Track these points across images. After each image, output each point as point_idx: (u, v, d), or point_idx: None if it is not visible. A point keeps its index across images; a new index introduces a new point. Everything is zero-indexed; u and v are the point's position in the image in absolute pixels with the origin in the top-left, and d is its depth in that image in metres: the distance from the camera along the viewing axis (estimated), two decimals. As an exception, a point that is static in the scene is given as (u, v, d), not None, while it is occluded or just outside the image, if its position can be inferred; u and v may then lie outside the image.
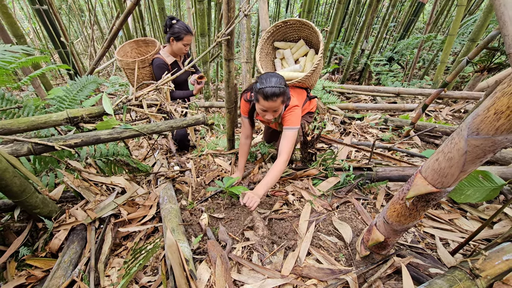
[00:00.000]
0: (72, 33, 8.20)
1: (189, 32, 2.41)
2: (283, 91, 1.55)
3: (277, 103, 1.56)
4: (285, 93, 1.57)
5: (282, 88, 1.54)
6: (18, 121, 1.42)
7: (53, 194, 1.59)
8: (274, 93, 1.51)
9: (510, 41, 1.41)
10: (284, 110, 1.71)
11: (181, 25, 2.38)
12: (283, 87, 1.55)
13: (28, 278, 1.29)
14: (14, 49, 1.75)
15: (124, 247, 1.50)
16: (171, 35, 2.41)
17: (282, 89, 1.54)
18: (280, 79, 1.56)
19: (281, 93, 1.54)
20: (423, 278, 1.16)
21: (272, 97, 1.53)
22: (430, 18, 4.78)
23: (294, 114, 1.69)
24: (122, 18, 2.59)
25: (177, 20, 2.40)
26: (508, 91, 0.60)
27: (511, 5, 1.39)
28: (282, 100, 1.57)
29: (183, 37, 2.40)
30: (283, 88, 1.54)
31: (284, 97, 1.57)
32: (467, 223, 1.53)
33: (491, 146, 0.68)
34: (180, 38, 2.40)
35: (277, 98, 1.54)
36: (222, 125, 3.72)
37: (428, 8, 8.13)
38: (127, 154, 2.02)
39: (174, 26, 2.37)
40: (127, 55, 2.82)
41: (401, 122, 3.03)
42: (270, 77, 1.56)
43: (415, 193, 0.89)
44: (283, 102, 1.59)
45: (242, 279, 1.21)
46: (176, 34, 2.38)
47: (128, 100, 1.80)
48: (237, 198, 1.75)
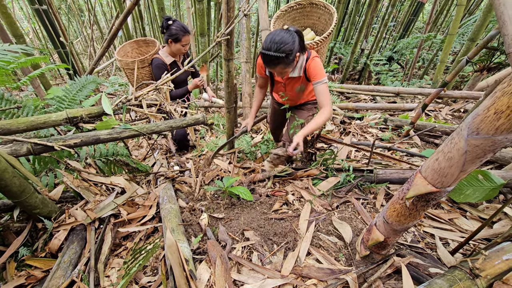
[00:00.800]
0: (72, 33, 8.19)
1: (186, 32, 2.38)
2: (281, 59, 1.43)
3: (277, 70, 1.51)
4: (286, 59, 1.45)
5: (281, 56, 1.42)
6: (18, 121, 1.42)
7: (53, 194, 1.59)
8: (271, 62, 1.46)
9: (509, 40, 1.41)
10: (305, 62, 1.65)
11: (178, 26, 2.34)
12: (282, 55, 1.42)
13: (28, 278, 1.29)
14: (14, 48, 1.75)
15: (124, 247, 1.50)
16: (168, 36, 2.38)
17: (281, 57, 1.43)
18: (283, 41, 1.42)
19: (279, 61, 1.45)
20: (423, 278, 1.16)
21: (270, 64, 1.49)
22: (429, 17, 4.79)
23: (317, 66, 1.63)
24: (122, 18, 2.58)
25: (174, 21, 2.36)
26: (508, 91, 0.60)
27: (511, 4, 1.39)
28: (283, 66, 1.49)
29: (181, 38, 2.37)
30: (282, 56, 1.42)
31: (285, 63, 1.47)
32: (467, 222, 1.53)
33: (491, 146, 0.68)
34: (178, 39, 2.37)
35: (274, 66, 1.48)
36: (222, 125, 3.72)
37: (427, 7, 8.13)
38: (126, 154, 2.02)
39: (171, 28, 2.34)
40: (127, 55, 2.82)
41: (400, 122, 3.03)
42: (273, 37, 1.44)
43: (415, 193, 0.89)
44: (286, 67, 1.50)
45: (242, 279, 1.21)
46: (174, 36, 2.35)
47: (128, 100, 1.80)
48: (236, 198, 1.75)
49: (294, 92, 1.93)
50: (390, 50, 6.09)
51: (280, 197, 1.79)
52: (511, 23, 1.39)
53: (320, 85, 1.66)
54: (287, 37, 1.44)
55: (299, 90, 1.90)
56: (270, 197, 1.80)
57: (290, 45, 1.44)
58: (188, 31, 2.39)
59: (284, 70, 1.55)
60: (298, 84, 1.86)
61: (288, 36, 1.45)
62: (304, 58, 1.71)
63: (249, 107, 3.50)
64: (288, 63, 1.50)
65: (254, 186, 1.91)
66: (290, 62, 1.50)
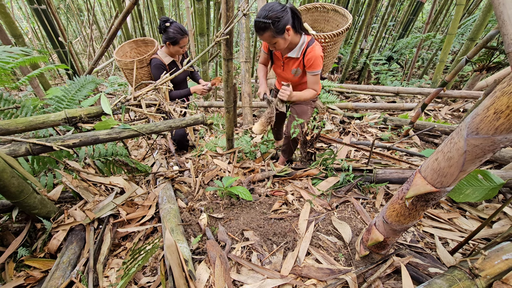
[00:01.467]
0: (71, 32, 8.18)
1: (184, 34, 2.36)
2: (268, 25, 1.46)
3: (265, 36, 1.53)
4: (273, 27, 1.47)
5: (267, 22, 1.45)
6: (16, 121, 1.42)
7: (52, 195, 1.58)
8: (259, 27, 1.49)
9: (509, 40, 1.40)
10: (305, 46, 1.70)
11: (175, 28, 2.32)
12: (268, 21, 1.45)
13: (27, 279, 1.28)
14: (14, 50, 1.74)
15: (123, 247, 1.50)
16: (166, 39, 2.37)
17: (267, 23, 1.45)
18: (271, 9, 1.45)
19: (266, 27, 1.46)
20: (423, 277, 1.15)
21: (259, 31, 1.52)
22: (429, 17, 4.78)
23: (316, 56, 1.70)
24: (121, 17, 2.58)
25: (171, 22, 2.34)
26: (507, 91, 0.60)
27: (510, 4, 1.39)
28: (271, 35, 1.51)
29: (178, 41, 2.36)
30: (268, 22, 1.45)
31: (273, 31, 1.50)
32: (466, 222, 1.53)
33: (490, 146, 0.67)
34: (176, 42, 2.36)
35: (263, 32, 1.50)
36: (221, 124, 3.71)
37: (427, 7, 8.13)
38: (126, 154, 2.02)
39: (169, 30, 2.32)
40: (126, 55, 2.82)
41: (400, 122, 3.03)
42: (265, 6, 1.48)
43: (415, 192, 0.89)
44: (274, 36, 1.53)
45: (241, 279, 1.21)
46: (171, 38, 2.34)
47: (127, 100, 1.79)
48: (236, 198, 1.75)
49: (291, 74, 1.94)
50: (389, 49, 6.09)
51: (280, 197, 1.79)
52: (510, 22, 1.39)
53: (313, 76, 1.78)
54: (276, 6, 1.49)
55: (295, 73, 1.92)
56: (270, 197, 1.80)
57: (277, 12, 1.48)
58: (185, 32, 2.38)
59: (273, 40, 1.57)
60: (295, 66, 1.88)
61: (278, 6, 1.50)
62: (304, 41, 1.73)
63: (248, 107, 3.50)
64: (276, 31, 1.52)
65: (253, 186, 1.91)
66: (278, 31, 1.53)
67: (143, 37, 2.90)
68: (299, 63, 1.83)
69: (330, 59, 2.01)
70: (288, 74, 1.95)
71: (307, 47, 1.73)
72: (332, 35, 1.78)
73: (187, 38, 2.41)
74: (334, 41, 1.85)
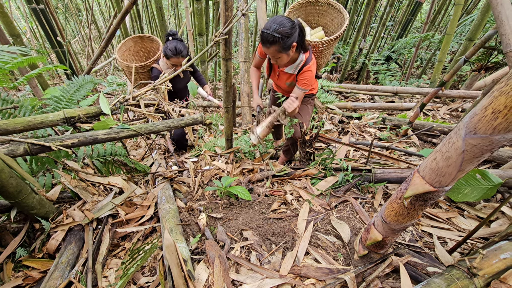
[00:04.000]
0: (69, 32, 8.16)
1: (177, 54, 2.40)
2: (277, 40, 1.46)
3: (271, 50, 1.53)
4: (282, 42, 1.48)
5: (277, 36, 1.45)
6: (15, 122, 1.41)
7: (50, 195, 1.58)
8: (267, 40, 1.49)
9: (507, 40, 1.41)
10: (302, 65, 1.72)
11: (171, 46, 2.38)
12: (278, 36, 1.45)
13: (25, 279, 1.28)
14: (11, 50, 1.73)
15: (122, 247, 1.50)
16: (163, 50, 2.44)
17: (277, 38, 1.45)
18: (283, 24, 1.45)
19: (274, 41, 1.47)
20: (421, 277, 1.16)
21: (266, 43, 1.52)
22: (427, 17, 4.80)
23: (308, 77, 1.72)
24: (120, 17, 2.57)
25: (174, 38, 2.43)
26: (505, 90, 0.60)
27: (508, 4, 1.40)
28: (277, 49, 1.52)
29: (169, 57, 2.42)
30: (278, 36, 1.45)
31: (280, 46, 1.50)
32: (464, 221, 1.53)
33: (488, 145, 0.68)
34: (168, 57, 2.43)
35: (270, 46, 1.51)
36: (220, 124, 3.71)
37: (425, 7, 8.15)
38: (124, 154, 2.01)
39: (167, 44, 2.41)
40: (129, 49, 2.83)
41: (399, 121, 3.04)
42: (276, 19, 1.48)
43: (413, 192, 0.89)
44: (280, 51, 1.53)
45: (240, 279, 1.21)
46: (164, 52, 2.43)
47: (126, 100, 1.79)
48: (235, 197, 1.75)
49: (285, 85, 1.97)
50: (388, 49, 6.10)
51: (279, 197, 1.79)
52: (508, 22, 1.40)
53: (301, 91, 1.80)
54: (287, 22, 1.49)
55: (289, 85, 1.96)
56: (269, 196, 1.80)
57: (288, 29, 1.48)
58: (179, 54, 2.40)
59: (278, 55, 1.58)
60: (289, 80, 1.91)
61: (289, 22, 1.50)
62: (302, 60, 1.75)
63: (247, 107, 3.50)
64: (283, 46, 1.52)
65: (252, 186, 1.91)
66: (285, 47, 1.53)
67: (149, 35, 2.92)
68: (293, 78, 1.87)
69: (326, 58, 2.03)
70: (282, 84, 1.98)
71: (303, 65, 1.74)
72: (329, 40, 1.80)
73: (179, 60, 2.44)
74: (333, 44, 1.86)
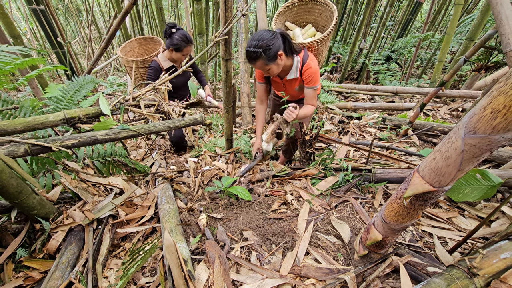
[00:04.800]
0: (70, 33, 8.17)
1: (188, 43, 2.36)
2: (259, 54, 1.47)
3: (258, 65, 1.55)
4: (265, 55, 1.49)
5: (258, 51, 1.46)
6: (15, 122, 1.41)
7: (51, 195, 1.58)
8: (251, 57, 1.51)
9: (507, 39, 1.41)
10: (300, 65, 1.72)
11: (181, 35, 2.31)
12: (259, 50, 1.46)
13: (26, 279, 1.28)
14: (11, 49, 1.74)
15: (122, 248, 1.50)
16: (170, 45, 2.36)
17: (259, 52, 1.47)
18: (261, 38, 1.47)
19: (257, 56, 1.48)
20: (421, 277, 1.16)
21: (251, 60, 1.54)
22: (428, 17, 4.79)
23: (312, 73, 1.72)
24: (120, 18, 2.57)
25: (177, 29, 2.34)
26: (504, 90, 0.60)
27: (508, 4, 1.40)
28: (264, 63, 1.53)
29: (182, 48, 2.35)
30: (259, 51, 1.46)
31: (265, 59, 1.51)
32: (465, 221, 1.53)
33: (488, 145, 0.68)
34: (179, 49, 2.36)
35: (255, 61, 1.52)
36: (220, 125, 3.71)
37: (426, 7, 8.14)
38: (125, 154, 2.02)
39: (174, 36, 2.32)
40: (134, 50, 2.84)
41: (399, 121, 3.04)
42: (254, 36, 1.50)
43: (413, 192, 0.89)
44: (267, 63, 1.54)
45: (240, 279, 1.21)
46: (175, 45, 2.33)
47: (126, 100, 1.79)
48: (235, 198, 1.75)
49: (294, 91, 1.98)
50: (388, 49, 6.10)
51: (279, 197, 1.79)
52: (508, 22, 1.40)
53: (312, 90, 1.80)
54: (265, 34, 1.50)
55: (298, 89, 1.96)
56: (269, 197, 1.80)
57: (267, 40, 1.49)
58: (190, 41, 2.36)
59: (266, 67, 1.59)
60: (296, 84, 1.92)
61: (267, 34, 1.51)
62: (298, 61, 1.76)
63: (247, 107, 3.50)
64: (268, 59, 1.53)
65: (252, 186, 1.91)
66: (270, 58, 1.54)
67: (152, 36, 2.92)
68: (299, 81, 1.87)
69: (323, 54, 2.03)
70: (292, 92, 1.98)
71: (302, 65, 1.75)
72: (322, 38, 1.80)
73: (191, 47, 2.40)
74: (326, 40, 1.87)
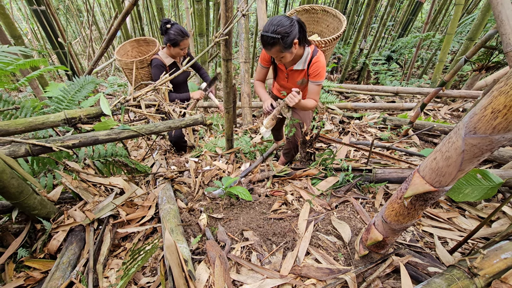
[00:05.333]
0: (70, 33, 8.18)
1: (184, 36, 2.38)
2: (277, 40, 1.45)
3: (273, 51, 1.53)
4: (282, 42, 1.47)
5: (276, 37, 1.44)
6: (16, 122, 1.42)
7: (51, 195, 1.58)
8: (267, 42, 1.49)
9: (507, 39, 1.41)
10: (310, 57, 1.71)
11: (176, 30, 2.33)
12: (278, 36, 1.44)
13: (27, 279, 1.28)
14: (12, 50, 1.74)
15: (123, 248, 1.50)
16: (167, 40, 2.38)
17: (276, 38, 1.45)
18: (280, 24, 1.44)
19: (274, 42, 1.46)
20: (422, 277, 1.16)
21: (266, 45, 1.52)
22: (428, 17, 4.79)
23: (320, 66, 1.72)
24: (120, 18, 2.58)
25: (172, 24, 2.35)
26: (504, 90, 0.60)
27: (508, 4, 1.39)
28: (279, 50, 1.52)
29: (179, 43, 2.38)
30: (277, 37, 1.44)
31: (282, 46, 1.50)
32: (465, 221, 1.53)
33: (488, 145, 0.68)
34: (177, 44, 2.38)
35: (271, 47, 1.51)
36: (221, 125, 3.72)
37: (426, 7, 8.14)
38: (125, 154, 2.02)
39: (169, 32, 2.34)
40: (127, 54, 2.82)
41: (399, 121, 3.03)
42: (272, 20, 1.47)
43: (413, 192, 0.89)
44: (282, 51, 1.53)
45: (241, 279, 1.21)
46: (172, 40, 2.35)
47: (126, 100, 1.79)
48: (236, 198, 1.75)
49: (296, 85, 1.95)
50: (389, 49, 6.10)
51: (279, 197, 1.79)
52: (509, 22, 1.40)
53: (316, 85, 1.78)
54: (285, 21, 1.48)
55: (300, 83, 1.93)
56: (269, 197, 1.80)
57: (287, 27, 1.47)
58: (186, 34, 2.38)
59: (281, 54, 1.58)
60: (300, 77, 1.89)
61: (286, 20, 1.49)
62: (309, 52, 1.74)
63: (248, 107, 3.50)
64: (284, 46, 1.52)
65: (253, 186, 1.91)
66: (286, 46, 1.53)
67: (144, 37, 2.90)
68: (304, 74, 1.85)
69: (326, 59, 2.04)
70: (293, 85, 1.95)
71: (311, 58, 1.74)
72: (332, 39, 1.81)
73: (188, 40, 2.42)
74: (333, 44, 1.88)
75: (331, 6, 7.24)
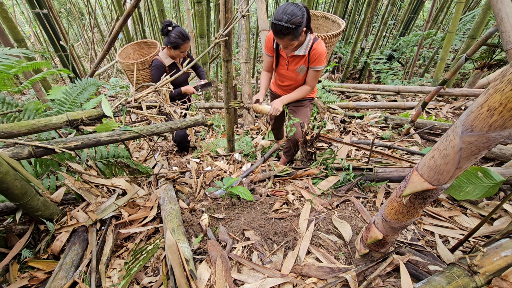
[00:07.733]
0: (73, 36, 8.25)
1: (186, 39, 2.39)
2: (290, 30, 1.50)
3: (284, 40, 1.58)
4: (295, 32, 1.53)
5: (291, 27, 1.49)
6: (19, 125, 1.44)
7: (54, 197, 1.60)
8: (281, 32, 1.52)
9: (507, 37, 1.41)
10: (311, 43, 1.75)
11: (177, 33, 2.35)
12: (292, 27, 1.50)
13: (31, 280, 1.30)
14: (14, 52, 1.76)
15: (125, 248, 1.51)
16: (168, 43, 2.41)
17: (290, 29, 1.50)
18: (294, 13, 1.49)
19: (288, 32, 1.51)
20: (422, 275, 1.16)
21: (279, 34, 1.55)
22: (429, 15, 4.77)
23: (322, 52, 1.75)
24: (122, 20, 2.60)
25: (174, 27, 2.38)
26: (500, 88, 0.61)
27: (508, 2, 1.39)
28: (290, 39, 1.56)
29: (179, 46, 2.40)
30: (291, 27, 1.49)
31: (293, 35, 1.54)
32: (467, 220, 1.53)
33: (485, 143, 0.68)
34: (177, 47, 2.40)
35: (283, 36, 1.54)
36: (222, 125, 3.73)
37: (427, 5, 8.11)
38: (127, 156, 2.04)
39: (170, 34, 2.36)
40: (129, 56, 2.85)
41: (401, 120, 3.03)
42: (285, 9, 1.52)
43: (412, 190, 0.89)
44: (293, 39, 1.58)
45: (242, 279, 1.22)
46: (173, 43, 2.37)
47: (128, 102, 1.81)
48: (237, 198, 1.76)
49: (295, 73, 1.97)
50: (390, 48, 6.08)
51: (280, 197, 1.79)
52: (509, 20, 1.39)
53: (314, 71, 1.84)
54: (297, 10, 1.53)
55: (300, 70, 1.95)
56: (270, 197, 1.81)
57: (300, 17, 1.52)
58: (187, 38, 2.40)
59: (291, 43, 1.63)
60: (300, 64, 1.91)
61: (298, 10, 1.54)
62: (310, 38, 1.78)
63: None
64: (296, 35, 1.57)
65: (254, 186, 1.92)
66: (298, 34, 1.58)
67: (145, 39, 2.93)
68: (304, 60, 1.87)
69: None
70: (292, 73, 1.97)
71: (312, 44, 1.78)
72: (331, 35, 1.83)
73: (188, 43, 2.43)
74: (332, 42, 1.89)
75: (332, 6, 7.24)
